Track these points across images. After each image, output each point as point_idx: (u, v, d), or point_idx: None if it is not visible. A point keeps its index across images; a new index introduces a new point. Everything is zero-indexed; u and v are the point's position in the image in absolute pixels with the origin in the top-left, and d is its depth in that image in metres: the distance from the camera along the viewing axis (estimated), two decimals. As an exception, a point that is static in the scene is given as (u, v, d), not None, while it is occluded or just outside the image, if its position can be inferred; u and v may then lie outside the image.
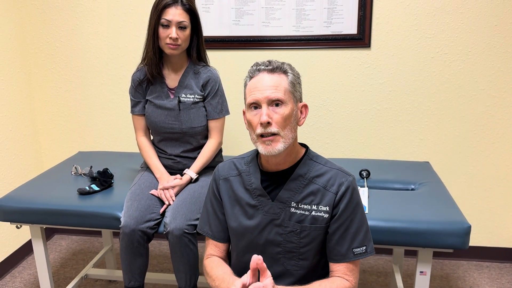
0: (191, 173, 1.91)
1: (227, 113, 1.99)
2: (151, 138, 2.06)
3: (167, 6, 1.78)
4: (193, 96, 1.91)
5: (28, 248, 2.76)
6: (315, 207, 1.30)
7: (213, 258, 1.44)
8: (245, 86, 1.31)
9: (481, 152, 2.49)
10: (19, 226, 1.96)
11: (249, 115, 1.28)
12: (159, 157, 1.99)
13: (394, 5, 2.35)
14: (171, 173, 1.94)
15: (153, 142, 2.04)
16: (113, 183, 2.05)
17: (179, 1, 1.80)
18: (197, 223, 1.71)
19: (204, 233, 1.47)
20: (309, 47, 2.47)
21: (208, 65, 1.97)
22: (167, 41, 1.80)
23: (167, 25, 1.79)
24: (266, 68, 1.28)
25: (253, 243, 1.35)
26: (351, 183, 1.30)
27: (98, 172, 2.05)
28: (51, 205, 1.86)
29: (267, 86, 1.25)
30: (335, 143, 2.61)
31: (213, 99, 1.94)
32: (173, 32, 1.78)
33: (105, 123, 2.79)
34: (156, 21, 1.80)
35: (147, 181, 1.93)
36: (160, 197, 1.86)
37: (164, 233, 1.76)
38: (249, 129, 1.30)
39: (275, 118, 1.24)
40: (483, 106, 2.42)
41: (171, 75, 1.93)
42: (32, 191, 1.98)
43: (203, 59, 1.96)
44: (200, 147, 1.98)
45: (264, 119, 1.23)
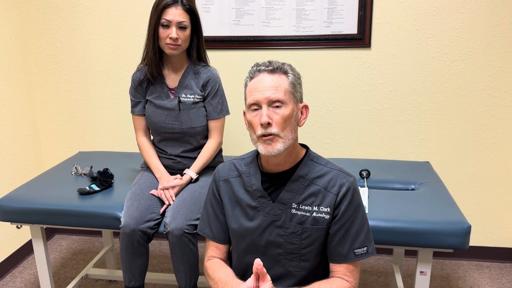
0: (191, 173, 1.91)
1: (227, 113, 1.99)
2: (151, 138, 2.06)
3: (167, 6, 1.78)
4: (193, 96, 1.91)
5: (28, 248, 2.76)
6: (316, 208, 1.30)
7: (214, 260, 1.43)
8: (246, 86, 1.31)
9: (481, 152, 2.49)
10: (19, 226, 1.96)
11: (250, 115, 1.28)
12: (159, 157, 1.99)
13: (394, 5, 2.35)
14: (171, 173, 1.94)
15: (153, 142, 2.04)
16: (113, 183, 2.05)
17: (179, 1, 1.80)
18: (197, 223, 1.71)
19: (204, 234, 1.46)
20: (309, 47, 2.47)
21: (208, 65, 1.97)
22: (167, 41, 1.80)
23: (167, 25, 1.79)
24: (266, 68, 1.27)
25: (254, 245, 1.35)
26: (352, 184, 1.30)
27: (98, 172, 2.05)
28: (52, 205, 1.86)
29: (267, 86, 1.24)
30: (335, 143, 2.61)
31: (213, 99, 1.94)
32: (173, 32, 1.78)
33: (105, 123, 2.79)
34: (156, 21, 1.80)
35: (147, 181, 1.93)
36: (160, 197, 1.86)
37: (164, 233, 1.76)
38: (249, 129, 1.30)
39: (275, 118, 1.24)
40: (484, 106, 2.42)
41: (171, 75, 1.93)
42: (32, 191, 1.98)
43: (203, 59, 1.96)
44: (200, 147, 1.98)
45: (264, 119, 1.22)
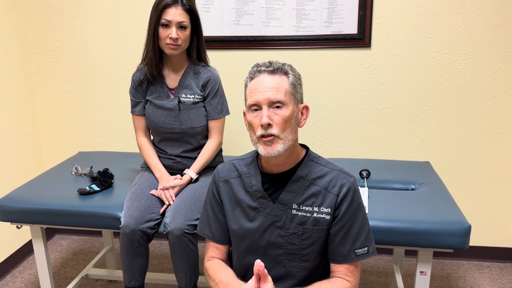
0: (191, 173, 1.91)
1: (227, 113, 1.99)
2: (151, 138, 2.06)
3: (167, 6, 1.78)
4: (193, 96, 1.91)
5: (28, 248, 2.76)
6: (316, 209, 1.30)
7: (215, 260, 1.43)
8: (246, 87, 1.31)
9: (481, 152, 2.49)
10: (19, 226, 1.96)
11: (250, 116, 1.27)
12: (159, 157, 1.99)
13: (394, 5, 2.35)
14: (171, 173, 1.94)
15: (153, 142, 2.04)
16: (113, 183, 2.05)
17: (179, 1, 1.80)
18: (197, 223, 1.71)
19: (204, 235, 1.46)
20: (309, 47, 2.46)
21: (208, 65, 1.97)
22: (167, 41, 1.80)
23: (167, 25, 1.79)
24: (266, 69, 1.27)
25: (255, 245, 1.35)
26: (352, 184, 1.30)
27: (98, 172, 2.05)
28: (52, 205, 1.86)
29: (267, 87, 1.24)
30: (335, 143, 2.60)
31: (213, 99, 1.94)
32: (173, 32, 1.78)
33: (105, 123, 2.79)
34: (156, 21, 1.80)
35: (147, 181, 1.93)
36: (160, 197, 1.86)
37: (164, 233, 1.76)
38: (249, 130, 1.30)
39: (276, 120, 1.24)
40: (484, 105, 2.42)
41: (171, 75, 1.93)
42: (32, 191, 1.98)
43: (203, 59, 1.96)
44: (200, 147, 1.98)
45: (264, 121, 1.22)
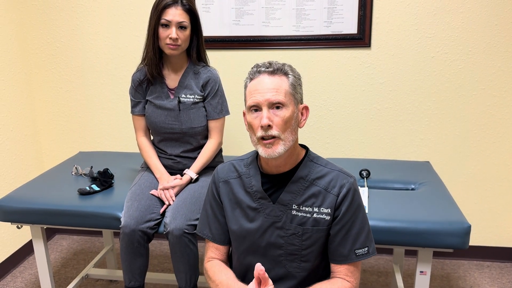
0: (191, 173, 1.91)
1: (227, 113, 1.99)
2: (151, 138, 2.06)
3: (167, 6, 1.78)
4: (193, 96, 1.91)
5: (29, 248, 2.77)
6: (316, 209, 1.30)
7: (215, 261, 1.43)
8: (245, 87, 1.30)
9: (481, 151, 2.49)
10: (19, 226, 1.96)
11: (250, 117, 1.27)
12: (159, 157, 1.99)
13: (394, 4, 2.35)
14: (171, 173, 1.94)
15: (153, 142, 2.04)
16: (113, 183, 2.05)
17: (179, 1, 1.80)
18: (197, 223, 1.71)
19: (204, 235, 1.46)
20: (309, 47, 2.46)
21: (208, 65, 1.97)
22: (167, 41, 1.80)
23: (167, 25, 1.79)
24: (266, 70, 1.26)
25: (255, 246, 1.35)
26: (352, 185, 1.30)
27: (98, 172, 2.05)
28: (52, 205, 1.86)
29: (267, 88, 1.24)
30: (335, 143, 2.60)
31: (213, 99, 1.94)
32: (173, 32, 1.78)
33: (105, 123, 2.79)
34: (156, 21, 1.80)
35: (147, 181, 1.93)
36: (160, 197, 1.86)
37: (164, 233, 1.76)
38: (249, 131, 1.30)
39: (276, 121, 1.23)
40: (484, 105, 2.42)
41: (171, 75, 1.93)
42: (32, 191, 1.98)
43: (203, 59, 1.96)
44: (200, 147, 1.98)
45: (264, 122, 1.22)
